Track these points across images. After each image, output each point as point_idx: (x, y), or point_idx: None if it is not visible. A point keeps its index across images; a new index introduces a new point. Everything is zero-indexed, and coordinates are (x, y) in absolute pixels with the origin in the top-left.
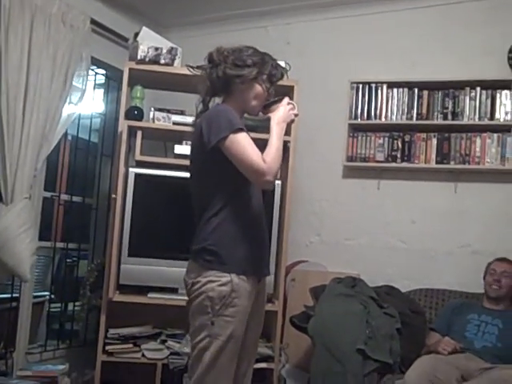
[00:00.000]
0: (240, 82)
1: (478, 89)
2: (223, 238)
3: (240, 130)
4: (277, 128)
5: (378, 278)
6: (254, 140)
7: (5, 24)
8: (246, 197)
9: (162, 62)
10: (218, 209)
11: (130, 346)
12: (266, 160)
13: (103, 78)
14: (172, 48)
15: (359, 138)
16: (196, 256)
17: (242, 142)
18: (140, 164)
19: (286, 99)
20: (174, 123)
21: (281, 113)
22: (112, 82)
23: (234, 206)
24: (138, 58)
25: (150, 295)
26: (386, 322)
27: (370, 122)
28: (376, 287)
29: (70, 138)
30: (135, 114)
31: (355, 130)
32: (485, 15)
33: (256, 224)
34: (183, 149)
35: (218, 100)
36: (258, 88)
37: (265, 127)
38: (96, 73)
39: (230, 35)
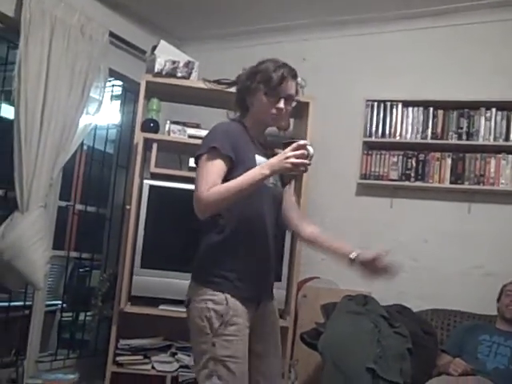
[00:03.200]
0: (247, 95)
1: (494, 109)
2: (219, 257)
3: (214, 149)
4: (254, 170)
5: (389, 297)
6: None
7: (25, 35)
8: (248, 218)
9: (179, 75)
10: (216, 227)
11: (141, 357)
12: (211, 190)
13: (120, 89)
14: (189, 62)
15: (373, 155)
16: (192, 273)
17: (209, 167)
18: (154, 176)
19: (294, 145)
20: (190, 136)
21: (273, 159)
22: (129, 94)
23: (233, 227)
24: (155, 70)
25: (161, 307)
26: (396, 341)
27: (384, 140)
28: (387, 306)
29: (85, 148)
30: (151, 126)
31: (370, 147)
32: (500, 35)
33: (257, 247)
34: None
35: None
36: (259, 97)
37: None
38: (113, 84)
39: (246, 50)
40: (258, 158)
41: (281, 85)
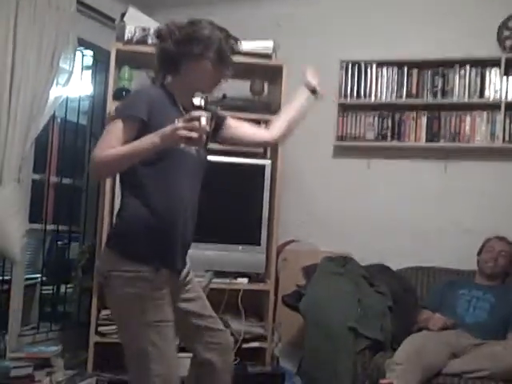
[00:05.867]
0: (186, 60)
1: (468, 67)
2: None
3: (128, 117)
4: (146, 138)
5: (369, 257)
6: (244, 119)
7: None
8: (161, 181)
9: (150, 42)
10: (131, 192)
11: None
12: (104, 153)
13: (91, 59)
14: None
15: (349, 117)
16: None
17: (111, 129)
18: None
19: (186, 115)
20: None
21: (164, 129)
22: (100, 64)
23: (144, 191)
24: (125, 38)
25: None
26: (377, 300)
27: (359, 101)
28: (367, 266)
29: (58, 120)
30: (123, 95)
31: (345, 109)
32: None
33: (170, 213)
34: None
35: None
36: (207, 65)
37: (255, 108)
38: (83, 54)
39: (218, 16)
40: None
41: (230, 56)
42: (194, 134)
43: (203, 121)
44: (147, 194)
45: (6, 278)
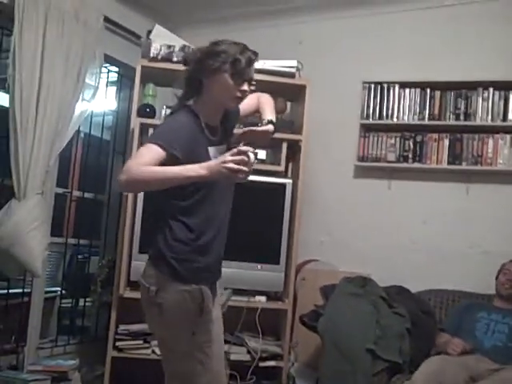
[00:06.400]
0: (206, 76)
1: (491, 89)
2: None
3: (166, 149)
4: (193, 167)
5: (388, 278)
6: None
7: (19, 21)
8: (194, 208)
9: (175, 59)
10: (171, 216)
11: (140, 342)
12: (139, 167)
13: (116, 75)
14: (184, 46)
15: (371, 138)
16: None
17: (148, 150)
18: None
19: (234, 150)
20: None
21: (212, 161)
22: (125, 80)
23: (178, 215)
24: (151, 55)
25: None
26: (395, 321)
27: (381, 122)
28: (386, 287)
29: (82, 135)
30: (147, 111)
31: (367, 130)
32: (498, 15)
33: (208, 235)
34: None
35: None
36: (225, 78)
37: (278, 126)
38: (109, 70)
39: (242, 33)
40: (211, 150)
41: (248, 67)
42: (243, 168)
43: (251, 156)
44: (188, 218)
45: (26, 290)
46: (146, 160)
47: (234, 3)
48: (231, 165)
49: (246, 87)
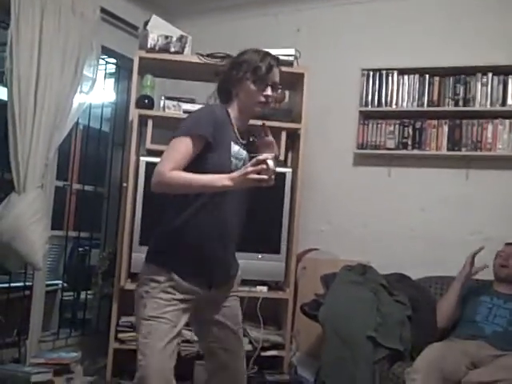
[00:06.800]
0: (233, 86)
1: (490, 74)
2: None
3: (196, 136)
4: (219, 177)
5: (388, 266)
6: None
7: (15, 14)
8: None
9: (172, 50)
10: (179, 211)
11: None
12: (174, 173)
13: (114, 67)
14: (182, 36)
15: (370, 125)
16: None
17: (177, 146)
18: (151, 153)
19: (253, 160)
20: (185, 111)
21: (236, 172)
22: (122, 71)
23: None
24: (148, 46)
25: None
26: (396, 309)
27: (380, 109)
28: (386, 275)
29: (81, 127)
30: (146, 102)
31: (366, 117)
32: (497, 1)
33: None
34: None
35: None
36: (248, 85)
37: (276, 115)
38: (106, 62)
39: (239, 23)
40: (233, 146)
41: (268, 73)
42: (264, 176)
43: (270, 163)
44: (196, 215)
45: (27, 283)
46: (175, 160)
47: None
48: (253, 175)
49: (269, 92)
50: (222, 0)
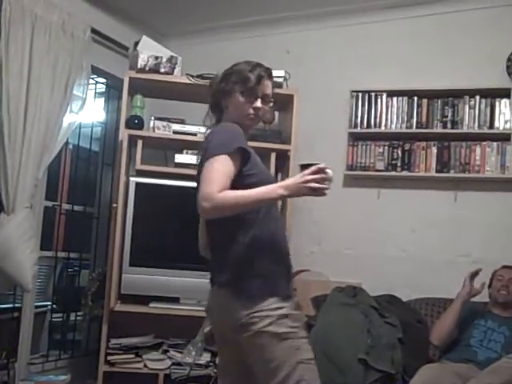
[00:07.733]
0: (223, 98)
1: (478, 97)
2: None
3: (235, 151)
4: (272, 188)
5: (378, 287)
6: (254, 148)
7: (5, 33)
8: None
9: (162, 70)
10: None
11: (132, 356)
12: (221, 194)
13: (104, 86)
14: (172, 57)
15: (359, 146)
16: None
17: (218, 167)
18: (141, 173)
19: (314, 168)
20: (175, 132)
21: (290, 180)
22: (112, 91)
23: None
24: (138, 66)
25: (151, 305)
26: (387, 331)
27: (369, 130)
28: (377, 296)
29: (71, 147)
30: (135, 122)
31: (355, 138)
32: (484, 24)
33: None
34: (184, 158)
35: None
36: (237, 97)
37: (266, 136)
38: (96, 82)
39: (229, 44)
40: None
41: (258, 84)
42: (324, 186)
43: (330, 172)
44: (263, 229)
45: (16, 305)
46: (221, 182)
47: (221, 14)
48: (313, 184)
49: (258, 104)
50: (212, 21)
